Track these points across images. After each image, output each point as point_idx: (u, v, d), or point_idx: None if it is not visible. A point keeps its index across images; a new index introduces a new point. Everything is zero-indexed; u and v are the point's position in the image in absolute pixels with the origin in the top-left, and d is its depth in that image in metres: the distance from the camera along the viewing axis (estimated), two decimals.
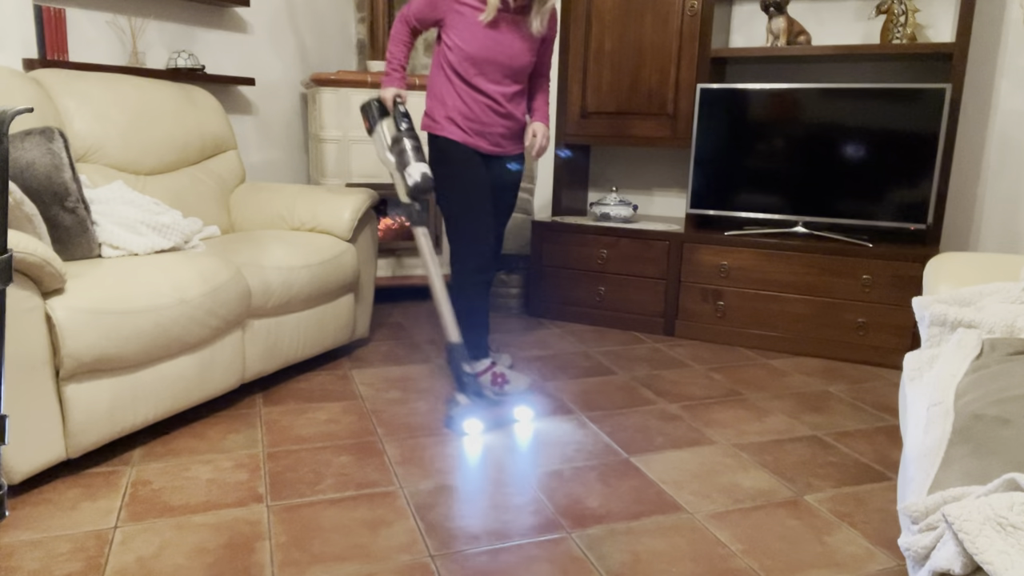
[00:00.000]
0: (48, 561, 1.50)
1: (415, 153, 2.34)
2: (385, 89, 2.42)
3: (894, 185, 2.91)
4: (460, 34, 2.33)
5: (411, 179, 2.30)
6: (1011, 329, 1.36)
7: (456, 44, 2.34)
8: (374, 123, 2.42)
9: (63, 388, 1.77)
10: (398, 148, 2.35)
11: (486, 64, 2.35)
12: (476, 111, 2.39)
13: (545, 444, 2.13)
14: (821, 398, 2.57)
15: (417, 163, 2.32)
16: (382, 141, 2.41)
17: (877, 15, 2.97)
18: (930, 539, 0.86)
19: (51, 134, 2.06)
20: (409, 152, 2.33)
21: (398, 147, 2.35)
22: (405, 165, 2.32)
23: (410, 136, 2.37)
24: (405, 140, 2.35)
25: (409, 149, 2.34)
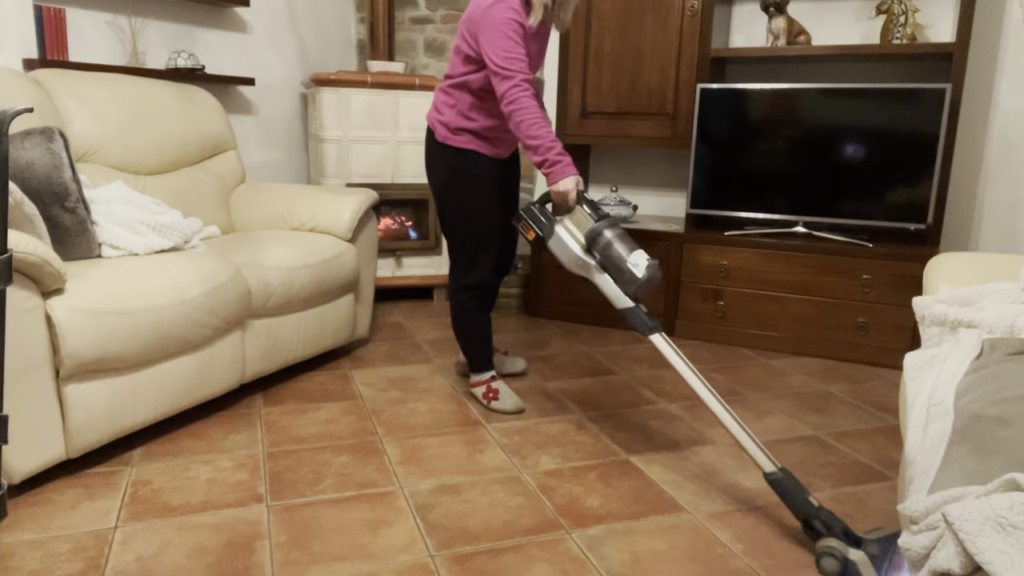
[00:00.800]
0: (48, 561, 1.50)
1: (626, 242, 1.91)
2: (562, 180, 2.00)
3: (894, 185, 2.90)
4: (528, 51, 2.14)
5: (639, 271, 1.85)
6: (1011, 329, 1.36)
7: None
8: (547, 229, 2.01)
9: (63, 388, 1.78)
10: (600, 243, 1.93)
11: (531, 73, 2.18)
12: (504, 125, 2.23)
13: (545, 444, 2.13)
14: (821, 398, 2.57)
15: (636, 252, 1.88)
16: (571, 244, 1.97)
17: (877, 15, 2.97)
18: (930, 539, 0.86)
19: (51, 134, 2.06)
20: (618, 244, 1.90)
21: (599, 241, 1.93)
22: (621, 259, 1.88)
23: (611, 225, 1.94)
24: (607, 231, 1.92)
25: (616, 239, 1.91)
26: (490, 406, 2.38)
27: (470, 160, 2.24)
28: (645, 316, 1.88)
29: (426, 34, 4.14)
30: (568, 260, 1.99)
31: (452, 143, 2.24)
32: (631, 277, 1.86)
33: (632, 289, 1.87)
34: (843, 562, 1.49)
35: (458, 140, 2.23)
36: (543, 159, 2.02)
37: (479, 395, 2.41)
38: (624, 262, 1.88)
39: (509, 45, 2.01)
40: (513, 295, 3.61)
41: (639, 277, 1.85)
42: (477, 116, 2.21)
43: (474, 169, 2.25)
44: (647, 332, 1.87)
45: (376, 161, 3.55)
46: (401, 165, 3.60)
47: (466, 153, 2.24)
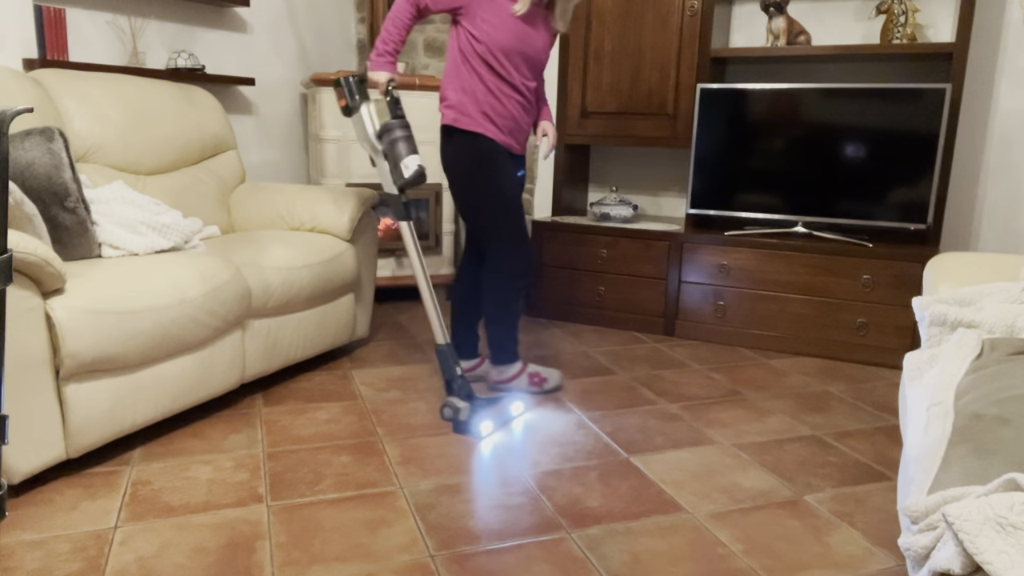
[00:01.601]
0: (48, 561, 1.50)
1: (408, 143, 2.21)
2: (377, 72, 2.26)
3: (894, 185, 2.91)
4: (490, 22, 2.19)
5: (408, 170, 2.18)
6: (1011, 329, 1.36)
7: (485, 33, 2.20)
8: (355, 103, 2.25)
9: (63, 388, 1.78)
10: (390, 136, 2.21)
11: (516, 56, 2.24)
12: (509, 108, 2.28)
13: (545, 444, 2.13)
14: (821, 398, 2.57)
15: (412, 154, 2.20)
16: (367, 124, 2.25)
17: (877, 15, 2.97)
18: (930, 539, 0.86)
19: (51, 134, 2.06)
20: (402, 142, 2.20)
21: (390, 135, 2.21)
22: (399, 155, 2.20)
23: (403, 125, 2.22)
24: (397, 129, 2.21)
25: (402, 138, 2.21)
26: (543, 388, 2.48)
27: (489, 144, 2.29)
28: (402, 205, 2.27)
29: (426, 34, 4.14)
30: (360, 136, 2.27)
31: (466, 127, 2.28)
32: (399, 173, 2.21)
33: (400, 183, 2.22)
34: (455, 410, 2.19)
35: (471, 123, 2.28)
36: (377, 50, 2.27)
37: (523, 385, 2.47)
38: (401, 159, 2.20)
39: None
40: None
41: (405, 176, 2.20)
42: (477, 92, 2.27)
43: (493, 155, 2.30)
44: (400, 218, 2.28)
45: None
46: None
47: (484, 137, 2.29)
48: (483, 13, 2.19)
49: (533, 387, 2.46)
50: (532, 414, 2.34)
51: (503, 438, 2.16)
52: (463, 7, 2.21)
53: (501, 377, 2.47)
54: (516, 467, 1.98)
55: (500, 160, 2.30)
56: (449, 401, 2.21)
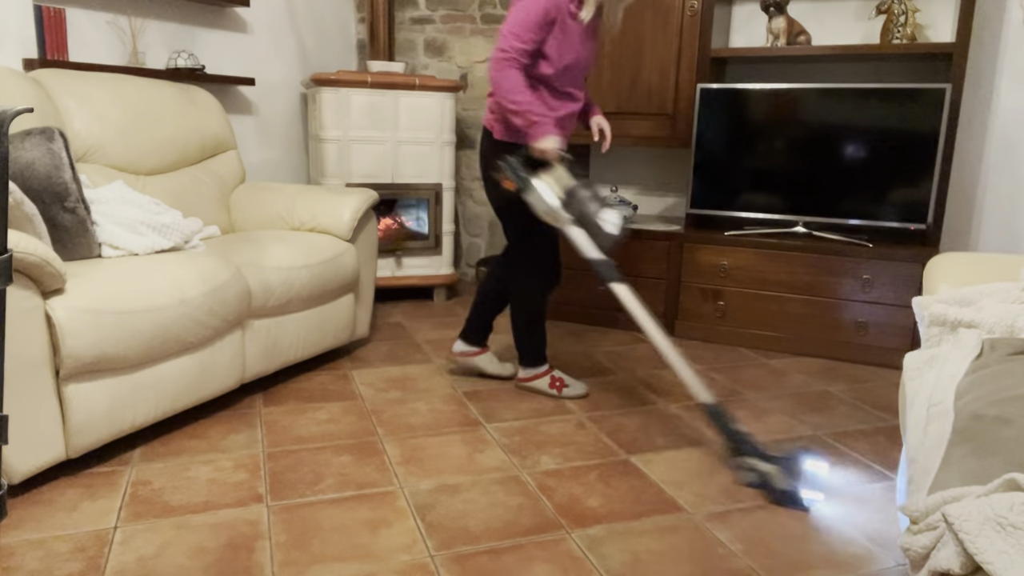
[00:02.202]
0: (48, 561, 1.50)
1: (598, 200, 2.10)
2: (544, 139, 2.14)
3: (894, 185, 2.90)
4: (563, 45, 2.20)
5: (612, 227, 2.05)
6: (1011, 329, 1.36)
7: (554, 56, 2.20)
8: (524, 181, 2.15)
9: (63, 388, 1.78)
10: (576, 201, 2.09)
11: (577, 71, 2.28)
12: (563, 118, 2.31)
13: (545, 444, 2.13)
14: (821, 398, 2.57)
15: (608, 210, 2.08)
16: (546, 198, 2.13)
17: (877, 15, 2.97)
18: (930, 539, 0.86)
19: (51, 134, 2.06)
20: (591, 201, 2.09)
21: (575, 199, 2.09)
22: (593, 215, 2.07)
23: (585, 185, 2.12)
24: (581, 190, 2.11)
25: (591, 197, 2.09)
26: (562, 394, 2.48)
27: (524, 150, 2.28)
28: (612, 267, 2.13)
29: (426, 34, 4.14)
30: (543, 211, 2.16)
31: (508, 139, 2.31)
32: (604, 233, 2.07)
33: (605, 244, 2.09)
34: (761, 475, 1.85)
35: (517, 136, 2.29)
36: (526, 121, 2.15)
37: (544, 387, 2.49)
38: (597, 219, 2.08)
39: (525, 26, 2.13)
40: None
41: (610, 234, 2.07)
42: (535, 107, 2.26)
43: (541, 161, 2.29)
44: (611, 281, 2.11)
45: (376, 161, 3.55)
46: (401, 165, 3.60)
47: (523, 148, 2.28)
48: (559, 36, 2.21)
49: (552, 390, 2.48)
50: (530, 413, 2.34)
51: (503, 438, 2.16)
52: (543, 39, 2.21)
53: (526, 376, 2.52)
54: (516, 467, 1.98)
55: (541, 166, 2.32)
56: (747, 463, 1.87)
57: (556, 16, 2.17)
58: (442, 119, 3.62)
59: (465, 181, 4.24)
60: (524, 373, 2.52)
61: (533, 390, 2.52)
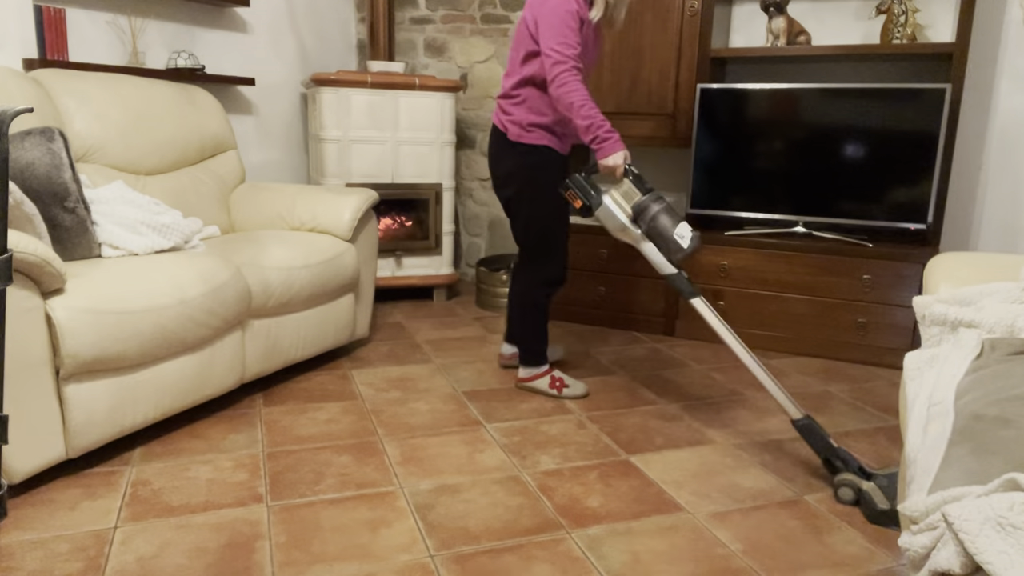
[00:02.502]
0: (48, 561, 1.50)
1: (670, 215, 2.09)
2: (611, 155, 2.15)
3: (894, 185, 2.90)
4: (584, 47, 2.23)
5: (685, 242, 2.03)
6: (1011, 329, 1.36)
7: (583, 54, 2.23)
8: (593, 199, 2.16)
9: (63, 388, 1.78)
10: (646, 216, 2.09)
11: (585, 72, 2.30)
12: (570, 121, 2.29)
13: (545, 444, 2.13)
14: (821, 398, 2.57)
15: (681, 224, 2.07)
16: (617, 215, 2.13)
17: (877, 15, 2.97)
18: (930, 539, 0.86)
19: (51, 134, 2.06)
20: (663, 215, 2.08)
21: (646, 215, 2.09)
22: (667, 230, 2.06)
23: (656, 199, 2.11)
24: (652, 204, 2.10)
25: (662, 211, 2.09)
26: (562, 394, 2.49)
27: (545, 155, 2.33)
28: (688, 281, 2.10)
29: (426, 34, 4.14)
30: (614, 227, 2.17)
31: (526, 140, 2.32)
32: (677, 247, 2.05)
33: (678, 258, 2.07)
34: (858, 491, 1.80)
35: (531, 137, 2.31)
36: (594, 136, 2.16)
37: (544, 387, 2.50)
38: (670, 233, 2.06)
39: (566, 32, 2.15)
40: None
41: (685, 248, 2.04)
42: (548, 111, 2.30)
43: (549, 164, 2.34)
44: (690, 296, 2.09)
45: (376, 161, 3.55)
46: (401, 165, 3.60)
47: (540, 149, 2.32)
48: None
49: (552, 390, 2.49)
50: (530, 413, 2.34)
51: (503, 438, 2.16)
52: None
53: (526, 376, 2.53)
54: (516, 467, 1.98)
55: (560, 170, 2.37)
56: (847, 480, 1.83)
57: (583, 16, 2.19)
58: (442, 119, 3.62)
59: (465, 181, 4.24)
60: (524, 372, 2.53)
61: (533, 390, 2.53)
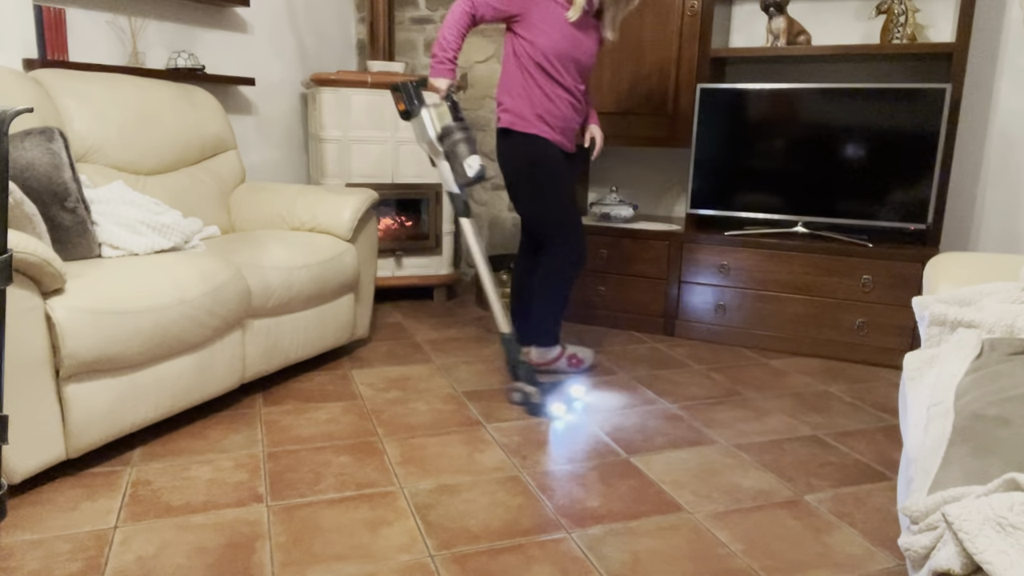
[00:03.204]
0: (48, 561, 1.50)
1: (470, 144, 2.34)
2: (437, 79, 2.37)
3: (894, 185, 2.91)
4: (544, 29, 2.34)
5: (472, 170, 2.30)
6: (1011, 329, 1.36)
7: (538, 40, 2.34)
8: (414, 107, 2.37)
9: (63, 388, 1.78)
10: (451, 138, 2.33)
11: (568, 61, 2.38)
12: (562, 109, 2.43)
13: (545, 443, 2.13)
14: (821, 398, 2.57)
15: (474, 154, 2.33)
16: (428, 127, 2.36)
17: (877, 15, 2.97)
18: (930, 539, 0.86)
19: (51, 134, 2.06)
20: (464, 143, 2.33)
21: (451, 137, 2.34)
22: (461, 155, 2.32)
23: (463, 128, 2.35)
24: (458, 131, 2.34)
25: (464, 140, 2.33)
26: (580, 369, 2.61)
27: (545, 145, 2.44)
28: (464, 202, 2.39)
29: (426, 34, 4.14)
30: (421, 137, 2.38)
31: (522, 128, 2.44)
32: (463, 172, 2.33)
33: (463, 181, 2.34)
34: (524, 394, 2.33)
35: (527, 125, 2.43)
36: (436, 59, 2.37)
37: (564, 366, 2.60)
38: (463, 159, 2.32)
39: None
40: None
41: (469, 176, 2.32)
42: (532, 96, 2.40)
43: (549, 154, 2.45)
44: (462, 215, 2.38)
45: (376, 161, 3.55)
46: (401, 165, 3.60)
47: (540, 138, 2.43)
48: (538, 21, 2.33)
49: (572, 368, 2.55)
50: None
51: (503, 438, 2.16)
52: (519, 15, 2.34)
53: (542, 359, 2.57)
54: (516, 467, 1.98)
55: (554, 157, 2.45)
56: (517, 386, 2.34)
57: None
58: None
59: None
60: (539, 356, 2.58)
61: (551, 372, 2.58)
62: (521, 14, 2.34)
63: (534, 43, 2.35)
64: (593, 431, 2.23)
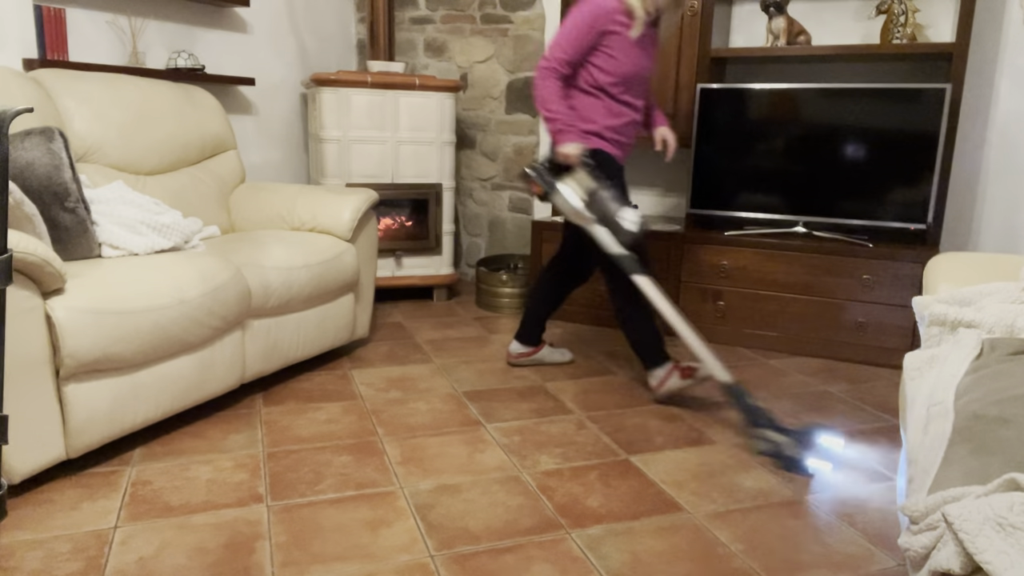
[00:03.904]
0: (48, 561, 1.50)
1: (618, 199, 2.29)
2: (567, 145, 2.31)
3: (894, 185, 2.90)
4: (616, 55, 2.32)
5: (631, 224, 2.24)
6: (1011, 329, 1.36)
7: (610, 66, 2.33)
8: (550, 185, 2.33)
9: (63, 388, 1.78)
10: (597, 201, 2.28)
11: (634, 80, 2.39)
12: (624, 125, 2.42)
13: (545, 444, 2.13)
14: (821, 398, 2.57)
15: (627, 209, 2.26)
16: (571, 200, 2.31)
17: (877, 15, 2.97)
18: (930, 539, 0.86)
19: (51, 134, 2.06)
20: (611, 201, 2.28)
21: (597, 199, 2.29)
22: (613, 213, 2.26)
23: (607, 187, 2.31)
24: (602, 191, 2.29)
25: (610, 197, 2.28)
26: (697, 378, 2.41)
27: (607, 159, 2.41)
28: (634, 261, 2.30)
29: (426, 34, 4.14)
30: (569, 211, 2.33)
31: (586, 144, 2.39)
32: (623, 230, 2.26)
33: (626, 238, 2.27)
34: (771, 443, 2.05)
35: (589, 141, 2.40)
36: (555, 128, 2.32)
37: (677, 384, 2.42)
38: (616, 215, 2.26)
39: (568, 36, 2.30)
40: (513, 295, 3.61)
41: (632, 230, 2.25)
42: (595, 115, 2.39)
43: (612, 168, 2.42)
44: (635, 273, 2.30)
45: (376, 161, 3.55)
46: (401, 165, 3.60)
47: (602, 152, 2.41)
48: (611, 47, 2.32)
49: (687, 380, 2.42)
50: (530, 413, 2.35)
51: (503, 438, 2.16)
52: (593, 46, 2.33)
53: (656, 383, 2.45)
54: (516, 467, 1.98)
55: (618, 172, 2.45)
56: (762, 434, 2.08)
57: (605, 27, 2.29)
58: (442, 119, 3.62)
59: (465, 181, 4.24)
60: (654, 380, 2.46)
61: (671, 392, 2.45)
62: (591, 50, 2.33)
63: (605, 69, 2.33)
64: (594, 433, 2.23)
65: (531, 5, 3.88)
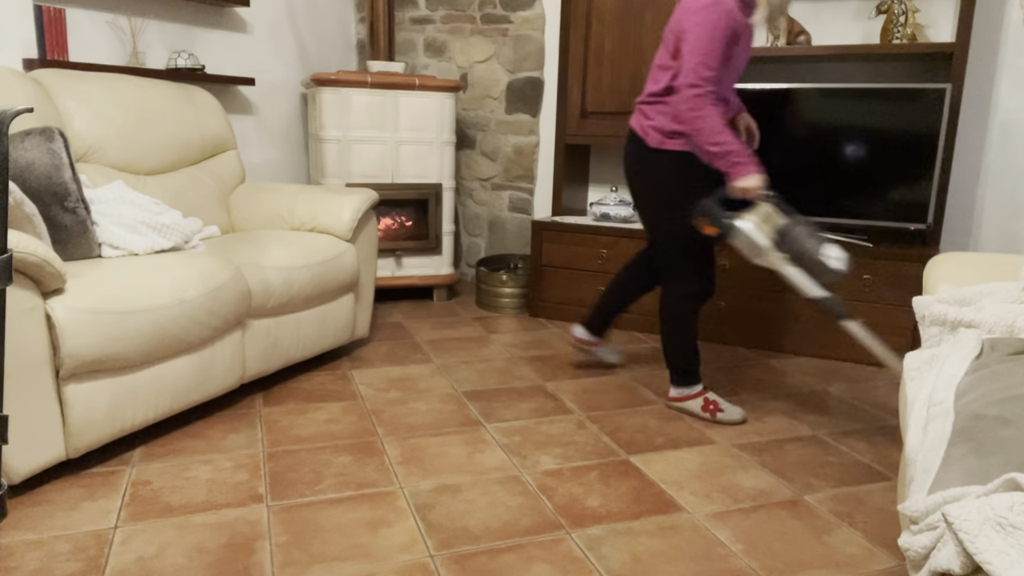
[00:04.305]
0: (48, 561, 1.50)
1: (816, 236, 2.03)
2: (746, 178, 2.05)
3: (894, 185, 2.91)
4: (739, 55, 2.15)
5: (838, 261, 1.98)
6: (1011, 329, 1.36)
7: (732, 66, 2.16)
8: (727, 225, 2.07)
9: (63, 388, 1.78)
10: (793, 236, 2.04)
11: (737, 76, 2.22)
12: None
13: (545, 444, 2.13)
14: (821, 398, 2.57)
15: (829, 245, 2.00)
16: (756, 239, 2.05)
17: (877, 15, 2.97)
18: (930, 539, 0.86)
19: (51, 134, 2.06)
20: (808, 238, 2.03)
21: (790, 237, 2.04)
22: (813, 252, 2.00)
23: (801, 221, 2.05)
24: (795, 228, 2.05)
25: (807, 234, 2.03)
26: (716, 418, 2.31)
27: (689, 163, 2.20)
28: (839, 303, 2.04)
29: (426, 34, 4.14)
30: (753, 252, 2.07)
31: (669, 147, 2.19)
32: (827, 269, 1.98)
33: (830, 279, 2.00)
34: None
35: (675, 144, 2.19)
36: (728, 163, 2.06)
37: (696, 409, 2.34)
38: (817, 254, 1.99)
39: (709, 51, 2.02)
40: (513, 295, 3.61)
41: (836, 269, 1.97)
42: None
43: (694, 172, 2.21)
44: (839, 318, 2.04)
45: (376, 161, 3.55)
46: (401, 165, 3.60)
47: (684, 156, 2.19)
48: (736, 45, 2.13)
49: (705, 414, 2.32)
50: (530, 413, 2.34)
51: (503, 438, 2.16)
52: None
53: (676, 396, 2.38)
54: (516, 467, 1.98)
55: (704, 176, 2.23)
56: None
57: (736, 29, 2.07)
58: (442, 119, 3.62)
59: (465, 181, 4.24)
60: (675, 392, 2.38)
61: (683, 411, 2.39)
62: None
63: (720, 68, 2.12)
64: (594, 433, 2.23)
65: (531, 5, 3.88)
